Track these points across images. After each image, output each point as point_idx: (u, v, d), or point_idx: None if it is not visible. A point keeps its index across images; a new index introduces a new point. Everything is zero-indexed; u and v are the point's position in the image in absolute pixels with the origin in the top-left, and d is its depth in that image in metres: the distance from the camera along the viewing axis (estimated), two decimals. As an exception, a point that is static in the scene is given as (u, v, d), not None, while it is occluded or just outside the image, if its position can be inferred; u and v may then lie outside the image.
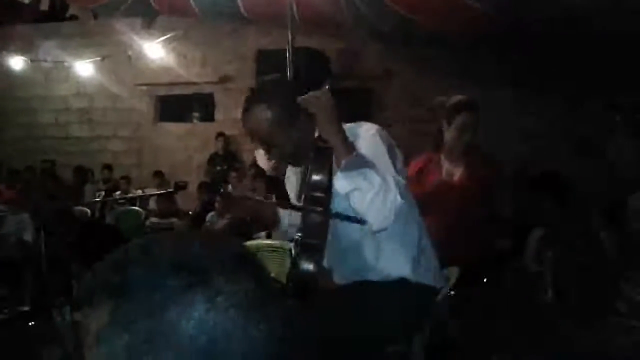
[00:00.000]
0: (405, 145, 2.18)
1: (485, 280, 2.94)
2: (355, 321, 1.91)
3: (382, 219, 1.75)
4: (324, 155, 1.85)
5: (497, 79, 6.71)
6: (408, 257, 1.97)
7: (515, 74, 6.68)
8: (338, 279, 2.09)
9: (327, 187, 1.82)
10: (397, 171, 1.84)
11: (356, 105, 7.03)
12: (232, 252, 0.70)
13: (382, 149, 1.86)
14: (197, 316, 0.62)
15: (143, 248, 0.68)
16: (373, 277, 1.97)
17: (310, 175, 1.84)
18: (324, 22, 6.58)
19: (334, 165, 1.81)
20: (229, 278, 0.65)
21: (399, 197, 1.73)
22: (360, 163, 1.74)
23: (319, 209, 1.84)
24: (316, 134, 1.91)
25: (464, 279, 2.60)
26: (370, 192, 1.71)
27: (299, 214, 1.98)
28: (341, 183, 1.74)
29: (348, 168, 1.73)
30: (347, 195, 1.77)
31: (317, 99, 1.83)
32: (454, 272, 2.65)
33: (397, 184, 1.75)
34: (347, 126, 1.91)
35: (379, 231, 1.82)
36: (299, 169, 2.13)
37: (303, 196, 1.97)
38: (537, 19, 5.39)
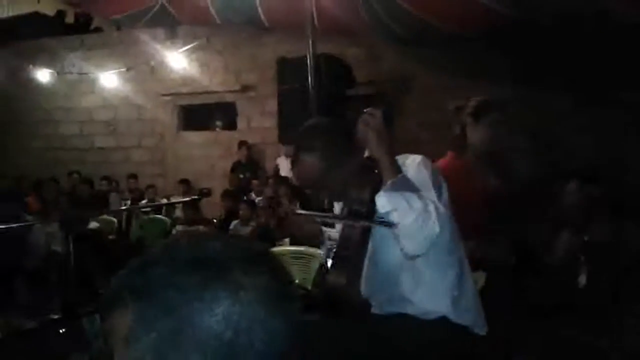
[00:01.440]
0: (427, 149, 2.17)
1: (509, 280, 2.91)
2: (387, 352, 1.88)
3: (416, 245, 1.73)
4: (368, 174, 1.87)
5: (512, 78, 6.68)
6: (447, 292, 1.91)
7: (529, 73, 6.63)
8: (375, 308, 2.05)
9: (368, 204, 1.82)
10: (441, 201, 1.81)
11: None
12: (249, 249, 0.72)
13: (427, 178, 1.84)
14: (221, 311, 0.64)
15: (162, 249, 0.70)
16: (410, 309, 1.93)
17: (354, 191, 1.86)
18: (343, 28, 6.60)
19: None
20: (248, 273, 0.67)
21: (437, 227, 1.70)
22: (405, 185, 1.74)
23: (358, 221, 1.84)
24: (366, 153, 1.93)
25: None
26: (410, 215, 1.69)
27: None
28: (382, 202, 1.74)
29: (391, 188, 1.73)
30: (386, 215, 1.76)
31: (371, 119, 1.85)
32: (481, 277, 2.63)
33: (438, 213, 1.73)
34: None
35: (412, 257, 1.81)
36: None
37: (345, 209, 1.98)
38: (550, 13, 5.34)
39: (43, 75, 9.44)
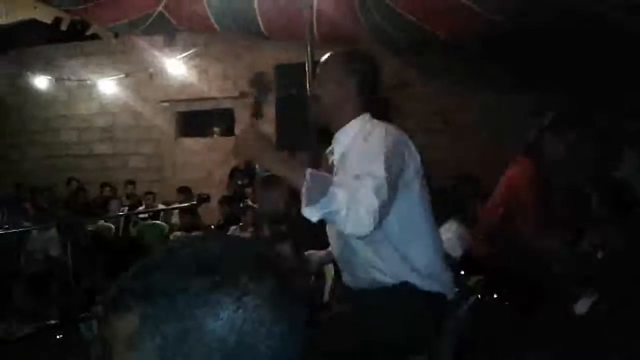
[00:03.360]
0: (425, 152, 2.20)
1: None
2: (362, 329, 1.93)
3: (360, 229, 1.72)
4: (271, 185, 1.87)
5: (511, 83, 6.72)
6: (416, 262, 1.97)
7: (525, 78, 6.66)
8: (345, 277, 2.13)
9: (285, 216, 1.83)
10: (390, 170, 1.80)
11: (374, 116, 7.05)
12: (254, 252, 0.71)
13: (374, 149, 1.85)
14: (225, 316, 0.64)
15: (167, 252, 0.70)
16: (377, 277, 1.98)
17: (264, 210, 1.84)
18: (343, 36, 6.63)
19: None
20: (252, 277, 0.66)
21: (375, 202, 1.68)
22: (320, 186, 1.70)
23: (285, 243, 1.85)
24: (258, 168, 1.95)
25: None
26: (342, 210, 1.68)
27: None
28: (311, 214, 1.72)
29: (312, 199, 1.70)
30: (322, 221, 1.77)
31: (243, 140, 1.85)
32: (474, 281, 2.65)
33: (374, 188, 1.70)
34: (367, 125, 2.02)
35: (360, 238, 1.84)
36: None
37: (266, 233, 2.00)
38: (545, 19, 5.37)
39: (41, 82, 9.45)
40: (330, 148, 2.19)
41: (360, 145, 1.94)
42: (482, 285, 2.86)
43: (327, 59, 2.14)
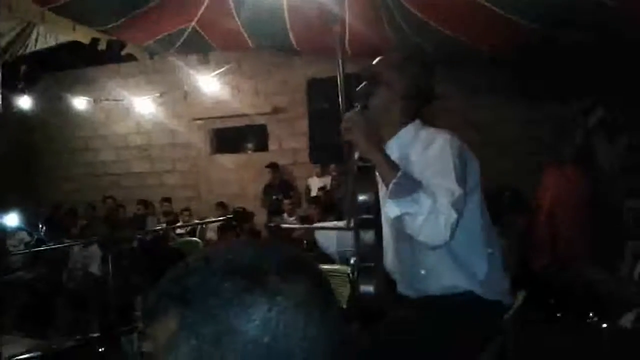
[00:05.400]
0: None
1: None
2: (421, 335, 1.89)
3: (436, 239, 1.72)
4: (366, 175, 1.87)
5: (548, 96, 6.61)
6: (476, 272, 1.93)
7: (563, 90, 6.55)
8: (402, 288, 2.07)
9: (374, 206, 1.82)
10: (467, 182, 1.81)
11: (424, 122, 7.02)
12: (286, 255, 0.72)
13: (448, 163, 1.81)
14: (258, 317, 0.64)
15: (201, 257, 0.71)
16: (435, 287, 1.94)
17: (356, 197, 1.85)
18: (373, 50, 6.64)
19: (382, 184, 1.81)
20: (285, 279, 0.67)
21: (453, 215, 1.68)
22: (408, 186, 1.72)
23: (371, 231, 1.84)
24: (357, 155, 1.93)
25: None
26: (421, 215, 1.68)
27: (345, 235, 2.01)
28: (391, 209, 1.73)
29: (397, 195, 1.71)
30: (397, 220, 1.75)
31: (351, 121, 1.85)
32: (519, 295, 2.60)
33: (454, 200, 1.70)
34: (422, 132, 1.98)
35: (434, 248, 1.81)
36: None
37: (352, 219, 1.97)
38: (582, 27, 5.26)
39: (80, 103, 9.70)
40: None
41: (422, 155, 1.90)
42: (526, 298, 2.79)
43: (377, 62, 2.10)
